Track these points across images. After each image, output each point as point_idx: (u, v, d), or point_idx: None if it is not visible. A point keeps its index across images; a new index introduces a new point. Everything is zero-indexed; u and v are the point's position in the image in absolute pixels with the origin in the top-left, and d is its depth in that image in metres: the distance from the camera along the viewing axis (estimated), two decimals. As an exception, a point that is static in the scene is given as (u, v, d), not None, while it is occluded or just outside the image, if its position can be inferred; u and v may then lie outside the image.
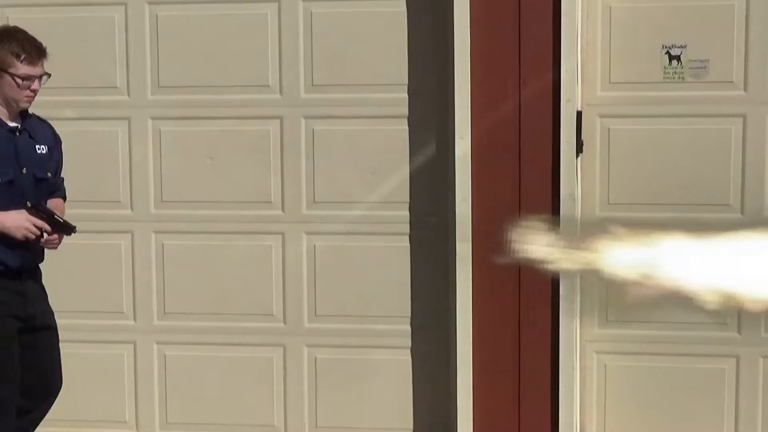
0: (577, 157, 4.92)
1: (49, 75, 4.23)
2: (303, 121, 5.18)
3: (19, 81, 4.12)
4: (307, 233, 5.21)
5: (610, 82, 4.99)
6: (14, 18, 5.25)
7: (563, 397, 4.93)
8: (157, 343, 5.38)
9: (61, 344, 5.42)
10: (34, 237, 4.16)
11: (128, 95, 5.28)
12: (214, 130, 5.24)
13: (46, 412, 4.44)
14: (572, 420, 4.99)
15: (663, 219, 4.99)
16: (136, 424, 5.44)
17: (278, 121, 5.20)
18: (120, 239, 5.34)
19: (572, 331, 4.93)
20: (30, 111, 4.31)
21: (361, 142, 5.13)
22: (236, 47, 5.20)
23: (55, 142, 4.37)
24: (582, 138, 4.94)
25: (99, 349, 5.38)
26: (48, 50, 4.22)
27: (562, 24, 4.81)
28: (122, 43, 5.26)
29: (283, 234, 5.22)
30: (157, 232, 5.31)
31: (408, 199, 5.13)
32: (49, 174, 4.30)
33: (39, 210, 4.15)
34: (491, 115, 4.90)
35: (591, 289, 3.27)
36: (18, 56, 4.12)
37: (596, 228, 2.97)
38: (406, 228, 5.13)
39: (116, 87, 5.28)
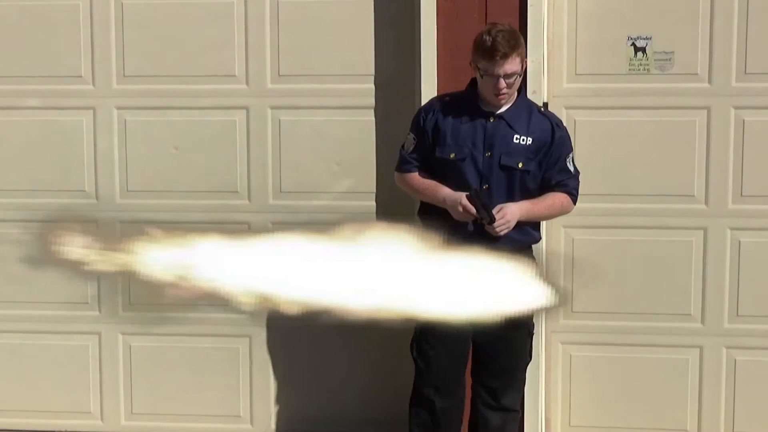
0: (542, 148, 4.93)
1: (520, 75, 4.18)
2: (269, 111, 5.17)
3: (480, 74, 4.18)
4: (273, 223, 5.20)
5: (576, 74, 5.01)
6: (-23, 6, 5.22)
7: (528, 387, 4.94)
8: (123, 333, 5.36)
9: (27, 336, 5.41)
10: (470, 220, 4.18)
11: (93, 84, 5.25)
12: (180, 120, 5.22)
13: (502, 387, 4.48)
14: (537, 410, 5.02)
15: (628, 209, 5.03)
16: (101, 415, 5.43)
17: (244, 111, 5.18)
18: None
19: (538, 322, 4.94)
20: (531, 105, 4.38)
21: (328, 132, 5.12)
22: (202, 36, 5.17)
23: (548, 140, 4.30)
24: (548, 129, 4.95)
25: (63, 339, 5.36)
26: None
27: (528, 15, 4.82)
28: (87, 31, 5.22)
29: (249, 224, 5.21)
30: (122, 222, 5.28)
31: (374, 190, 5.13)
32: (521, 164, 4.25)
33: (476, 197, 4.18)
34: (458, 106, 4.90)
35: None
36: (477, 50, 4.17)
37: (134, 230, 3.01)
38: (373, 219, 5.13)
39: (81, 76, 5.24)
